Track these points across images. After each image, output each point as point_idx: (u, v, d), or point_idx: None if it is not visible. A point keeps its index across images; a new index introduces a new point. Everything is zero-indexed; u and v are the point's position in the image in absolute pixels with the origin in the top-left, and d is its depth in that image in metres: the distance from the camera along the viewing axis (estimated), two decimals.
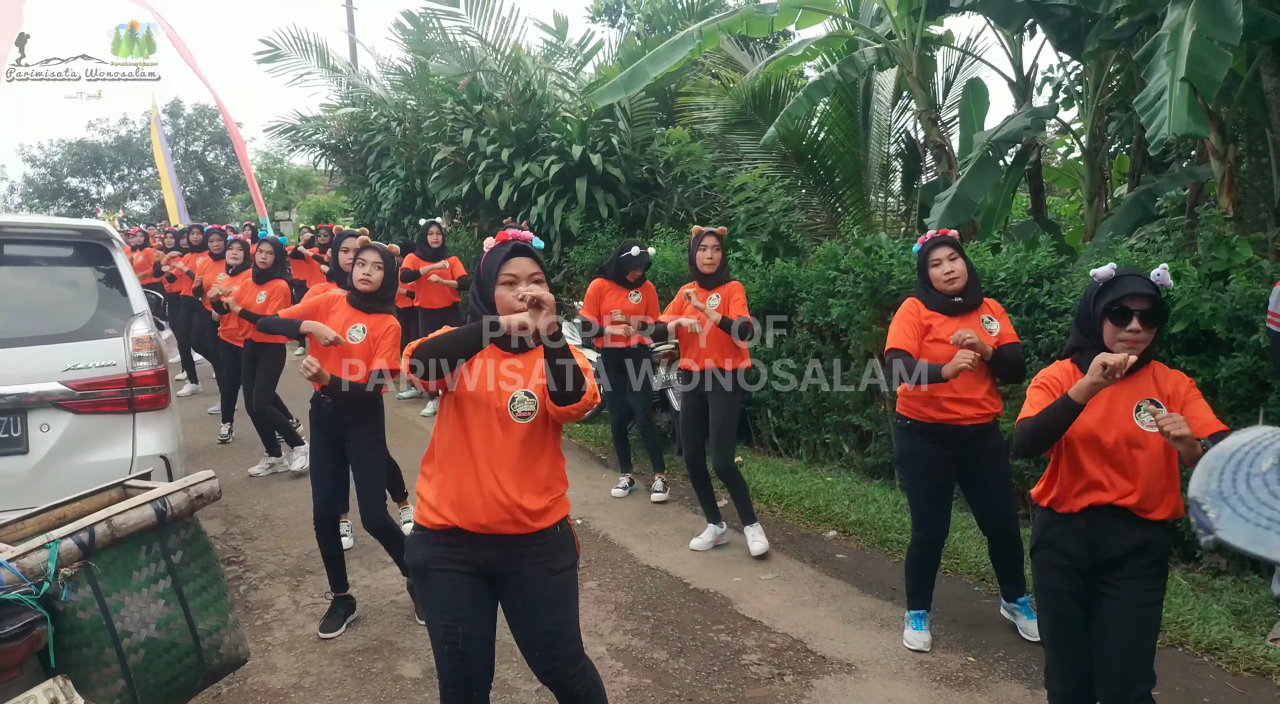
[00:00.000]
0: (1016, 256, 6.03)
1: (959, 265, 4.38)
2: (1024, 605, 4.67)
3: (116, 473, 4.14)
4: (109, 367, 4.80)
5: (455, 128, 13.01)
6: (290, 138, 18.02)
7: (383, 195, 15.48)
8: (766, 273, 7.94)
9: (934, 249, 4.44)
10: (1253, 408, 4.85)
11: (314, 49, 16.03)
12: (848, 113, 10.61)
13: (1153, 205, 7.12)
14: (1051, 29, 7.88)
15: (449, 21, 12.90)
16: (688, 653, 4.61)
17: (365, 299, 4.92)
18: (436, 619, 2.91)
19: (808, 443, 7.78)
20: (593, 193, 11.12)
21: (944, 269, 4.38)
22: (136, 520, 2.84)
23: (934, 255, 4.42)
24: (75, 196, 41.16)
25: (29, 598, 2.51)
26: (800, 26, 10.45)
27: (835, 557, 5.86)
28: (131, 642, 2.74)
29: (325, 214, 24.14)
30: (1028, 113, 8.15)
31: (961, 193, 7.47)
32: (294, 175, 34.55)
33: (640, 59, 9.81)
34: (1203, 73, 5.05)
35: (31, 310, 4.98)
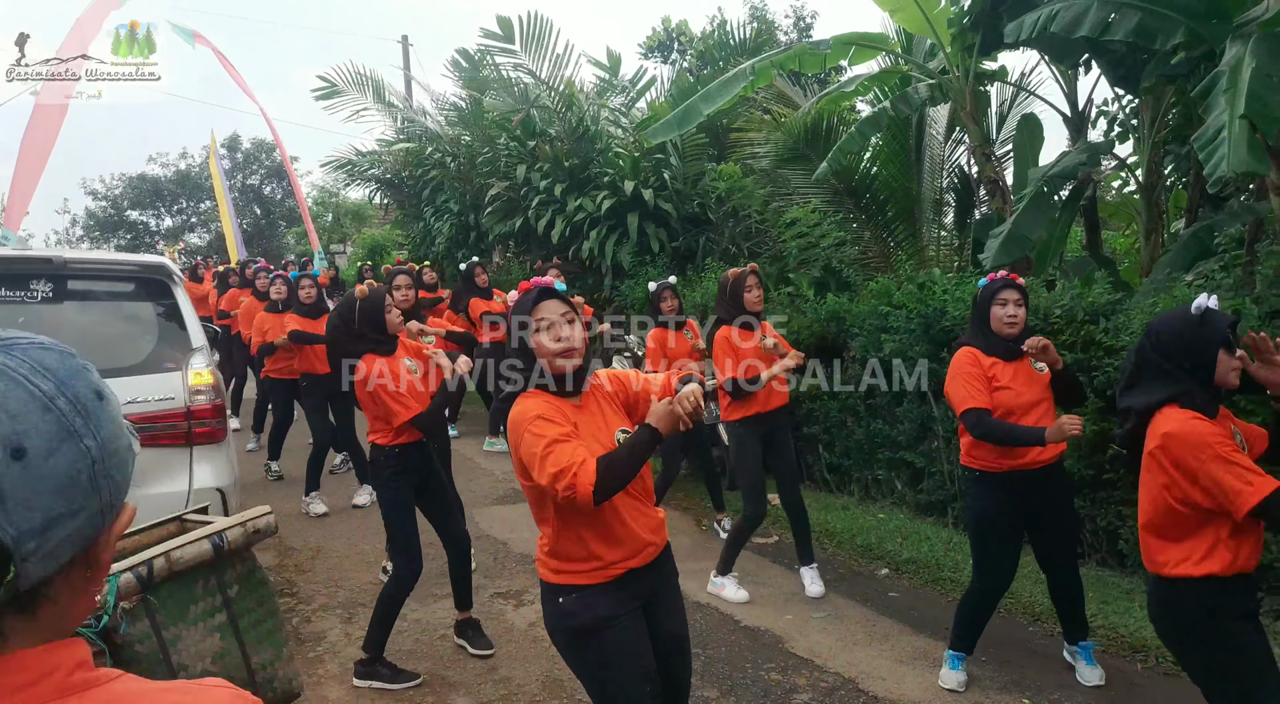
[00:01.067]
0: (1072, 293, 5.97)
1: (1023, 312, 4.37)
2: (1086, 651, 4.57)
3: (174, 505, 4.20)
4: (168, 400, 4.89)
5: (509, 163, 13.13)
6: (346, 172, 18.28)
7: (437, 229, 15.64)
8: (818, 308, 7.92)
9: (1003, 290, 4.37)
10: None
11: (370, 85, 16.28)
12: (900, 148, 10.59)
13: (1211, 241, 7.01)
14: (1107, 64, 7.82)
15: (503, 58, 13.06)
16: (738, 691, 4.57)
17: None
18: (633, 668, 2.90)
19: (860, 480, 7.72)
20: (644, 227, 11.16)
21: (1009, 312, 4.33)
22: (194, 555, 2.88)
23: (1001, 296, 4.36)
24: (135, 229, 42.02)
25: (88, 631, 2.56)
26: (853, 63, 10.49)
27: (888, 595, 5.80)
28: (188, 675, 2.77)
29: (380, 247, 24.43)
30: (1083, 148, 8.08)
31: (1016, 228, 7.41)
32: (349, 209, 35.04)
33: (693, 97, 9.86)
34: (1262, 109, 4.98)
35: (93, 344, 5.08)
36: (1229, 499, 2.71)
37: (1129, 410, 3.01)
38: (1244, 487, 2.69)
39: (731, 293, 5.75)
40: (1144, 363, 2.99)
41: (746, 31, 14.55)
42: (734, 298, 5.73)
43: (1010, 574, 4.43)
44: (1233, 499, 2.70)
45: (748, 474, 5.75)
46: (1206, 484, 2.75)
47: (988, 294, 4.39)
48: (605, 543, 2.86)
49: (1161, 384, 2.93)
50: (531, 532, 6.92)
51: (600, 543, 2.86)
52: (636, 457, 2.74)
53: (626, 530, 2.88)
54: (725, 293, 5.80)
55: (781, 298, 8.45)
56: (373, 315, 4.88)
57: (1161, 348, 2.95)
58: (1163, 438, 2.84)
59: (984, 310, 4.40)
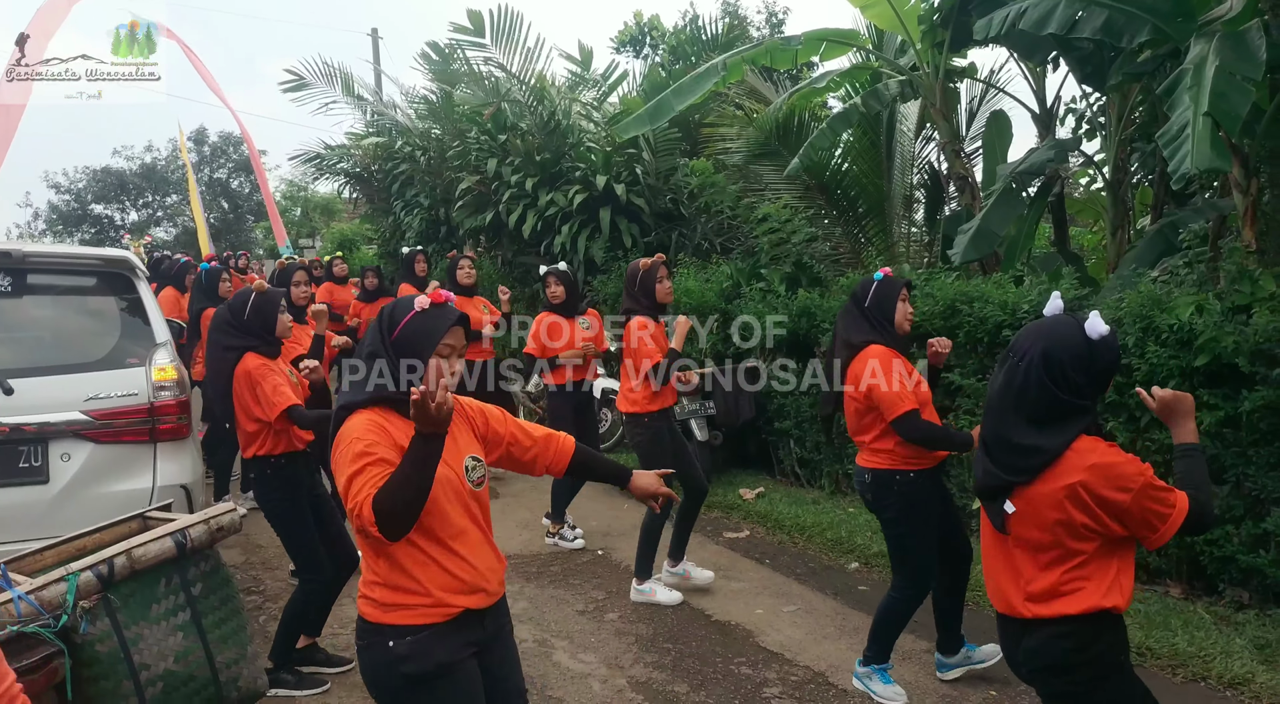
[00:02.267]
0: (1040, 289, 6.01)
1: (912, 309, 4.46)
2: (969, 645, 4.60)
3: (137, 503, 4.16)
4: (131, 396, 4.83)
5: (480, 157, 13.07)
6: (315, 166, 18.16)
7: (407, 224, 15.56)
8: (790, 303, 7.93)
9: (903, 288, 4.37)
10: (1275, 441, 4.80)
11: (339, 78, 16.18)
12: (871, 144, 10.62)
13: (1176, 238, 7.07)
14: (1075, 62, 7.87)
15: (474, 52, 13.00)
16: (709, 686, 4.58)
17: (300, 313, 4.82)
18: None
19: (830, 474, 7.75)
20: (616, 222, 11.13)
21: (908, 310, 4.37)
22: (156, 552, 2.85)
23: (904, 293, 4.37)
24: (99, 223, 41.49)
25: (47, 631, 2.53)
26: (824, 59, 10.50)
27: (857, 589, 5.82)
28: (150, 674, 2.75)
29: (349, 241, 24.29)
30: (1051, 145, 8.14)
31: (985, 224, 7.46)
32: (318, 203, 34.80)
33: (665, 91, 9.85)
34: (1225, 107, 5.03)
35: (54, 340, 5.02)
36: (1151, 528, 2.53)
37: (1038, 451, 2.62)
38: (1167, 511, 2.52)
39: (642, 284, 5.61)
40: (1049, 400, 2.61)
41: (719, 27, 14.54)
42: (644, 289, 5.60)
43: (932, 575, 4.39)
44: (1156, 527, 2.53)
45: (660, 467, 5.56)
46: (1136, 514, 2.51)
47: (892, 292, 4.34)
48: (442, 576, 2.58)
49: (1071, 418, 2.61)
50: None
51: (436, 575, 2.58)
52: (408, 474, 2.38)
53: (465, 565, 2.61)
54: (635, 284, 5.64)
55: (754, 293, 8.45)
56: (265, 313, 4.62)
57: (1067, 384, 2.60)
58: (1088, 472, 2.53)
59: (889, 307, 4.34)
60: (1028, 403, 2.64)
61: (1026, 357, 2.66)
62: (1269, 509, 4.82)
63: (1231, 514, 4.97)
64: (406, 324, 2.63)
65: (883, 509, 4.36)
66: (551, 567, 6.37)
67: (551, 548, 6.74)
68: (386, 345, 2.63)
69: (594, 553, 6.67)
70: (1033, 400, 2.63)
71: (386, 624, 2.58)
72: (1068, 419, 2.60)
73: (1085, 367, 2.60)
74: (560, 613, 5.54)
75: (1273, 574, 4.80)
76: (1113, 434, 4.65)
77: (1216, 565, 5.11)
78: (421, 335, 2.61)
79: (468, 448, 2.71)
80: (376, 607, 2.60)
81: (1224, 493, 4.97)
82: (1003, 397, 2.72)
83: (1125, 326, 5.27)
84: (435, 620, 2.57)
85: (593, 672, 4.77)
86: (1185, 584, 5.33)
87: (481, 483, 2.72)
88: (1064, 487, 2.55)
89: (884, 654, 4.41)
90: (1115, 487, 2.51)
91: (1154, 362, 5.09)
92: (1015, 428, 2.66)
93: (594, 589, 5.94)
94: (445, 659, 2.57)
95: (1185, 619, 4.90)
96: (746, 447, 8.48)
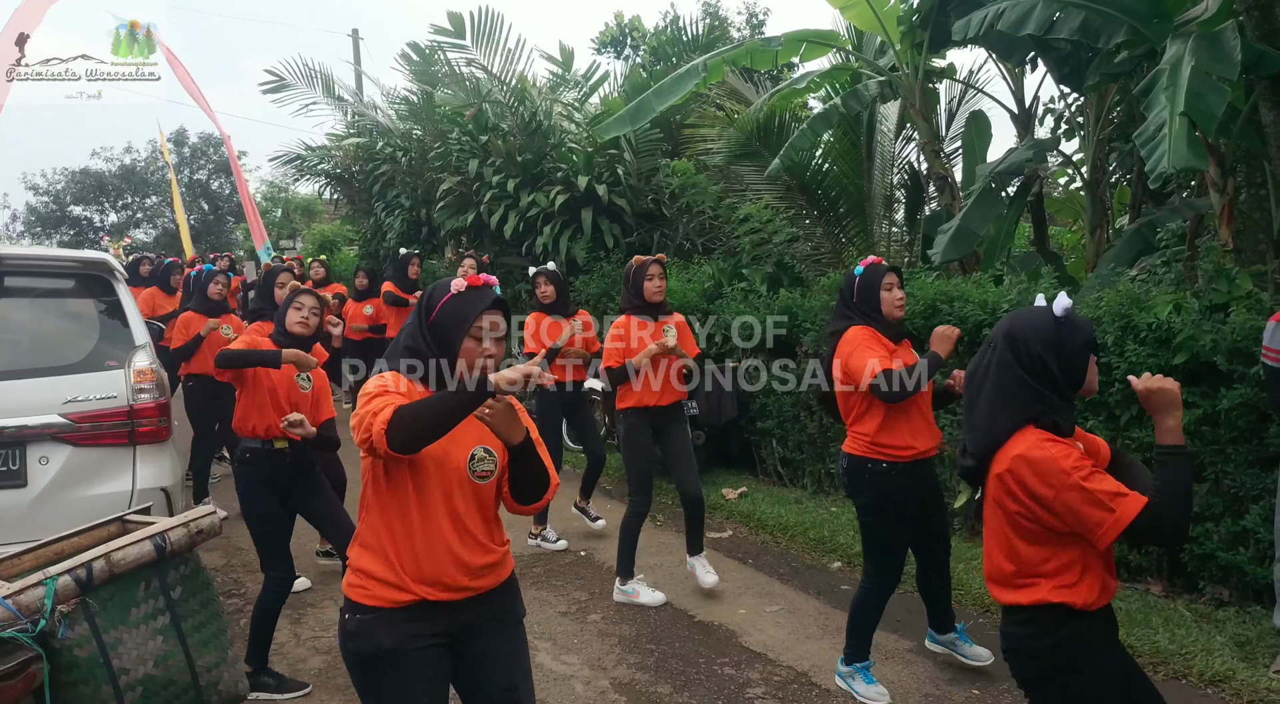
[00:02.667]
0: (1019, 288, 6.04)
1: (903, 293, 4.42)
2: (961, 633, 4.63)
3: (116, 506, 4.15)
4: (110, 399, 4.80)
5: (461, 158, 13.05)
6: (295, 167, 18.08)
7: (388, 225, 15.52)
8: (771, 303, 7.95)
9: (888, 274, 4.37)
10: (1253, 439, 4.84)
11: (319, 79, 16.10)
12: (851, 145, 10.64)
13: (1154, 237, 7.13)
14: (1053, 62, 7.93)
15: (454, 53, 12.97)
16: (692, 687, 4.58)
17: (302, 343, 4.72)
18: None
19: (812, 473, 7.77)
20: (598, 223, 11.14)
21: (896, 295, 4.36)
22: (135, 556, 2.84)
23: (887, 280, 4.35)
24: (78, 225, 41.22)
25: (24, 635, 2.51)
26: (804, 59, 10.52)
27: (840, 588, 5.83)
28: (129, 679, 2.73)
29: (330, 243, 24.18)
30: (1029, 145, 8.19)
31: (964, 224, 7.49)
32: (298, 204, 34.64)
33: (646, 92, 9.85)
34: (1201, 107, 5.07)
35: (32, 342, 4.99)
36: (1088, 530, 2.46)
37: (982, 431, 2.66)
38: (1105, 515, 2.43)
39: (633, 282, 5.66)
40: (1009, 380, 2.62)
41: (699, 28, 14.56)
42: (634, 287, 5.64)
43: (902, 568, 4.42)
44: (1093, 531, 2.45)
45: (635, 465, 5.71)
46: (1061, 513, 2.47)
47: (875, 280, 4.35)
48: (401, 558, 2.55)
49: (1023, 402, 2.59)
50: None
51: (397, 557, 2.56)
52: (443, 402, 2.38)
53: (428, 553, 2.56)
54: (628, 282, 5.71)
55: (735, 293, 8.47)
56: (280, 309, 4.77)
57: (1030, 361, 2.60)
58: (1013, 461, 2.54)
59: (873, 297, 4.34)
60: (988, 383, 2.66)
61: (994, 338, 2.72)
62: (1248, 507, 4.85)
63: (1211, 512, 5.00)
64: (443, 307, 2.62)
65: (856, 495, 4.43)
66: (534, 568, 6.36)
67: (534, 549, 6.73)
68: (423, 328, 2.64)
69: (576, 554, 6.66)
70: (992, 379, 2.65)
71: (348, 598, 2.61)
72: (1018, 401, 2.59)
73: (1051, 344, 2.59)
74: (543, 614, 5.54)
75: (1252, 571, 4.83)
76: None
77: (1197, 563, 5.15)
78: (456, 318, 2.60)
79: (482, 438, 2.65)
80: (349, 582, 2.63)
81: (1203, 490, 5.01)
82: (970, 380, 2.77)
83: (1104, 325, 5.30)
84: (383, 605, 2.56)
85: (575, 673, 4.77)
86: (1165, 581, 5.36)
87: (486, 477, 2.66)
88: (998, 474, 2.59)
89: (863, 650, 4.41)
90: (1040, 479, 2.49)
91: (1133, 360, 5.12)
92: (974, 409, 2.70)
93: (576, 590, 5.93)
94: (388, 645, 2.55)
95: (1166, 617, 4.93)
96: (729, 446, 8.48)
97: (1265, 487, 4.76)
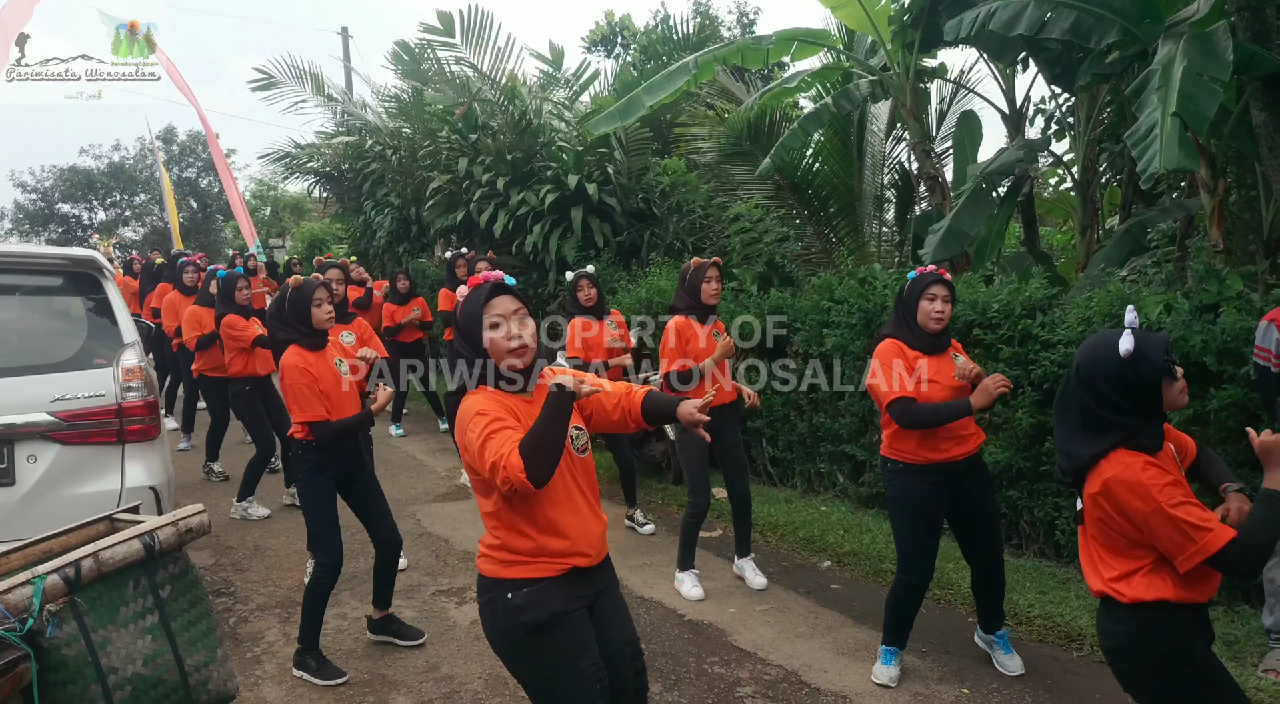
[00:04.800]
0: (1010, 288, 6.04)
1: (949, 309, 4.35)
2: (1003, 640, 4.64)
3: (105, 504, 4.11)
4: (98, 397, 4.77)
5: (451, 156, 13.03)
6: (284, 165, 18.03)
7: (377, 223, 15.49)
8: (762, 303, 7.95)
9: (932, 285, 4.32)
10: (1242, 439, 4.84)
11: (309, 77, 16.06)
12: (842, 144, 10.66)
13: (1144, 237, 7.15)
14: (1044, 63, 7.94)
15: (444, 51, 12.96)
16: (682, 685, 4.57)
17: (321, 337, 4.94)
18: (582, 663, 2.86)
19: (803, 472, 7.76)
20: (588, 222, 11.13)
21: (937, 307, 4.29)
22: (124, 555, 2.82)
23: (931, 291, 4.31)
24: (67, 223, 40.99)
25: (12, 634, 2.49)
26: (795, 59, 10.54)
27: (830, 587, 5.84)
28: (117, 678, 2.71)
29: (319, 241, 24.14)
30: (1020, 145, 8.21)
31: (955, 224, 7.50)
32: (288, 202, 34.57)
33: (636, 89, 9.87)
34: (1193, 108, 5.08)
35: (19, 340, 4.95)
36: (1170, 554, 2.64)
37: (1073, 457, 2.82)
38: (1187, 544, 2.59)
39: (690, 283, 5.67)
40: (1084, 412, 2.79)
41: (690, 26, 14.58)
42: (691, 289, 5.65)
43: (933, 562, 4.46)
44: (1175, 555, 2.63)
45: (692, 466, 5.75)
46: (1148, 532, 2.66)
47: (917, 288, 4.35)
48: (551, 537, 2.83)
49: (1102, 431, 2.75)
50: (474, 529, 6.90)
51: (546, 536, 2.82)
52: (549, 427, 2.65)
53: (570, 526, 2.85)
54: (684, 282, 5.72)
55: (725, 294, 8.47)
56: (300, 307, 4.84)
57: (1102, 399, 2.75)
58: (1105, 483, 2.71)
59: (911, 304, 4.35)
60: (1071, 412, 2.85)
61: (1072, 370, 2.88)
62: None
63: None
64: (461, 313, 2.94)
65: (887, 490, 4.53)
66: None
67: None
68: (459, 337, 2.95)
69: None
70: (1075, 410, 2.83)
71: (506, 578, 2.86)
72: (1102, 431, 2.75)
73: (1117, 383, 2.73)
74: None
75: None
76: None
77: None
78: (471, 317, 2.90)
79: (572, 419, 2.91)
80: (496, 564, 2.88)
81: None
82: (1059, 403, 2.94)
83: (1095, 325, 5.31)
84: (549, 574, 2.84)
85: None
86: None
87: (585, 449, 3.00)
88: (1093, 493, 2.76)
89: (894, 638, 4.54)
90: (1135, 496, 2.65)
91: None
92: (1063, 434, 2.88)
93: None
94: (560, 608, 2.84)
95: None
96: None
97: (1254, 486, 4.75)
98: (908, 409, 4.19)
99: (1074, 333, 5.39)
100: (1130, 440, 2.73)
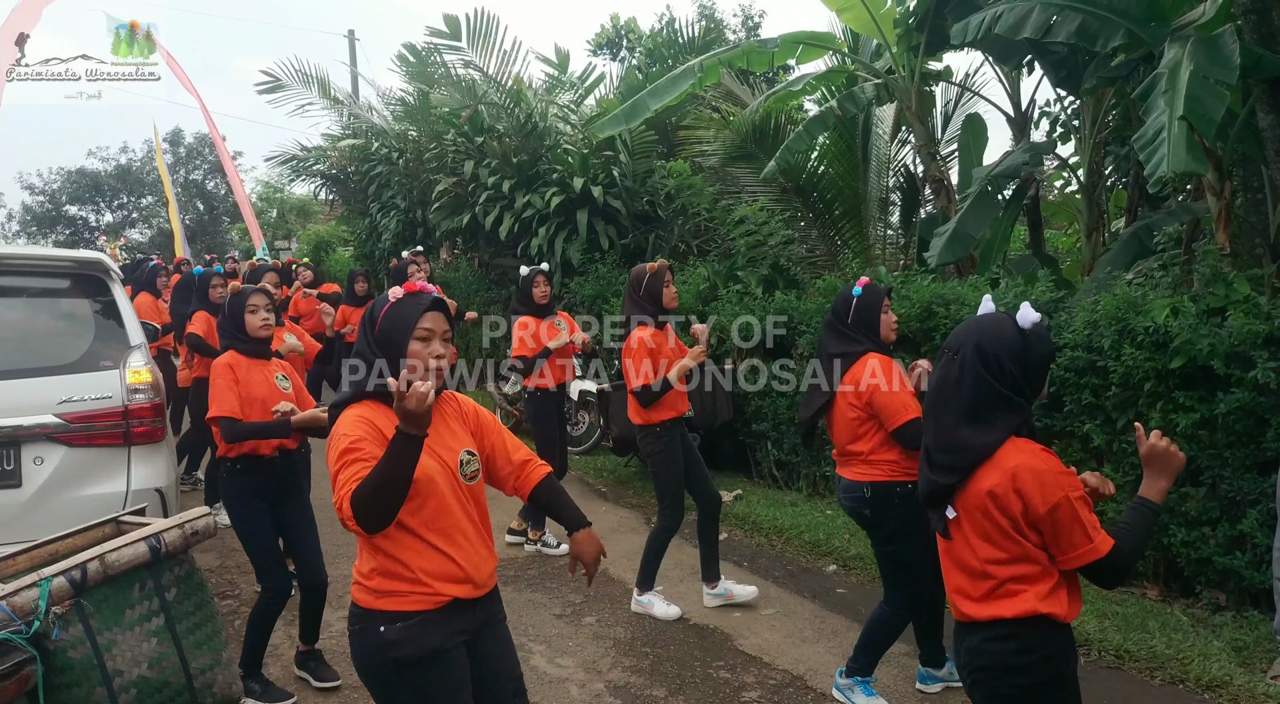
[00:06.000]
0: (1015, 291, 6.04)
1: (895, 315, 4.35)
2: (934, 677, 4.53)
3: (111, 506, 4.12)
4: (105, 399, 4.78)
5: (456, 159, 13.04)
6: (291, 168, 18.06)
7: (383, 226, 15.51)
8: (767, 305, 7.94)
9: (886, 297, 4.27)
10: (1250, 443, 4.83)
11: (315, 80, 16.08)
12: (847, 147, 10.65)
13: (1150, 241, 7.13)
14: (1049, 66, 7.93)
15: (450, 54, 12.95)
16: (687, 690, 4.57)
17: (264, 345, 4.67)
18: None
19: (808, 476, 7.76)
20: (594, 224, 11.14)
21: (892, 318, 4.29)
22: (130, 557, 2.82)
23: (886, 302, 4.27)
24: (74, 225, 41.14)
25: (18, 637, 2.49)
26: (800, 61, 10.53)
27: (835, 591, 5.83)
28: (123, 681, 2.72)
29: (325, 243, 24.16)
30: (1026, 148, 8.19)
31: (960, 227, 7.49)
32: (294, 204, 34.63)
33: (641, 92, 9.86)
34: (1200, 111, 5.07)
35: (27, 342, 4.96)
36: (1062, 549, 2.48)
37: (968, 448, 2.58)
38: (1084, 541, 2.45)
39: (648, 290, 5.40)
40: (987, 394, 2.58)
41: (695, 29, 14.55)
42: (651, 295, 5.40)
43: (927, 587, 4.25)
44: (1066, 551, 2.47)
45: (669, 483, 5.50)
46: (1048, 526, 2.47)
47: (874, 302, 4.23)
48: (432, 567, 2.64)
49: (1005, 415, 2.57)
50: None
51: (426, 566, 2.64)
52: (389, 472, 2.42)
53: (455, 556, 2.67)
54: (639, 289, 5.43)
55: (730, 296, 8.46)
56: (234, 314, 4.61)
57: (1005, 377, 2.57)
58: (1013, 471, 2.49)
59: (873, 317, 4.23)
60: (961, 398, 2.61)
61: (961, 351, 2.64)
62: (1245, 511, 4.85)
63: (1208, 516, 5.00)
64: (384, 316, 2.70)
65: (882, 525, 4.21)
66: (529, 570, 6.35)
67: (529, 552, 6.71)
68: (370, 340, 2.71)
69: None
70: (967, 394, 2.60)
71: (378, 610, 2.64)
72: (999, 414, 2.56)
73: (1019, 356, 2.57)
74: (537, 617, 5.52)
75: (1249, 576, 4.83)
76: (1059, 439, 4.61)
77: (1193, 567, 5.14)
78: (398, 322, 2.67)
79: (463, 442, 2.78)
80: (370, 593, 2.66)
81: (1200, 495, 5.01)
82: (938, 394, 2.70)
83: (1101, 329, 5.30)
84: (426, 607, 2.63)
85: (570, 676, 4.76)
86: (1162, 586, 5.36)
87: (474, 477, 2.78)
88: (989, 487, 2.52)
89: (870, 667, 4.32)
90: (1039, 489, 2.46)
91: (1130, 364, 5.12)
92: (948, 425, 2.63)
93: (571, 593, 5.92)
94: (434, 645, 2.64)
95: (1163, 621, 4.93)
96: (724, 448, 8.48)
97: (1263, 491, 4.76)
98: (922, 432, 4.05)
99: (1080, 337, 5.38)
100: (1023, 430, 2.57)
